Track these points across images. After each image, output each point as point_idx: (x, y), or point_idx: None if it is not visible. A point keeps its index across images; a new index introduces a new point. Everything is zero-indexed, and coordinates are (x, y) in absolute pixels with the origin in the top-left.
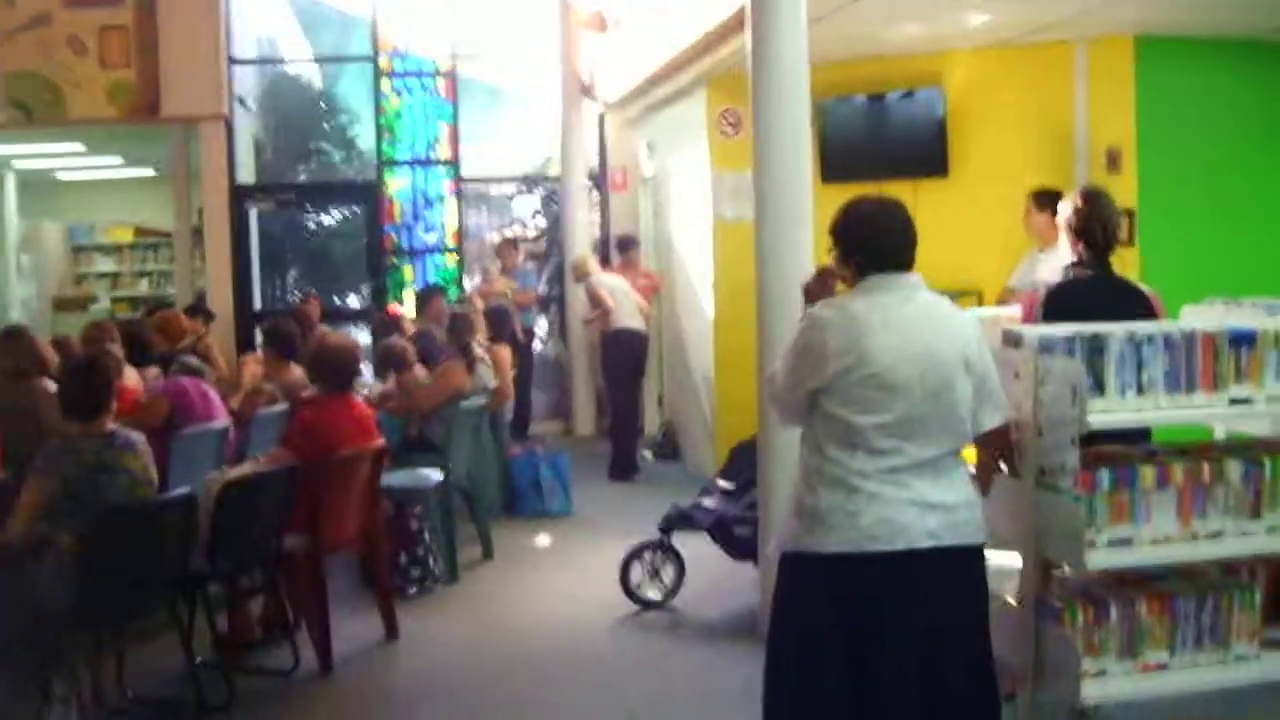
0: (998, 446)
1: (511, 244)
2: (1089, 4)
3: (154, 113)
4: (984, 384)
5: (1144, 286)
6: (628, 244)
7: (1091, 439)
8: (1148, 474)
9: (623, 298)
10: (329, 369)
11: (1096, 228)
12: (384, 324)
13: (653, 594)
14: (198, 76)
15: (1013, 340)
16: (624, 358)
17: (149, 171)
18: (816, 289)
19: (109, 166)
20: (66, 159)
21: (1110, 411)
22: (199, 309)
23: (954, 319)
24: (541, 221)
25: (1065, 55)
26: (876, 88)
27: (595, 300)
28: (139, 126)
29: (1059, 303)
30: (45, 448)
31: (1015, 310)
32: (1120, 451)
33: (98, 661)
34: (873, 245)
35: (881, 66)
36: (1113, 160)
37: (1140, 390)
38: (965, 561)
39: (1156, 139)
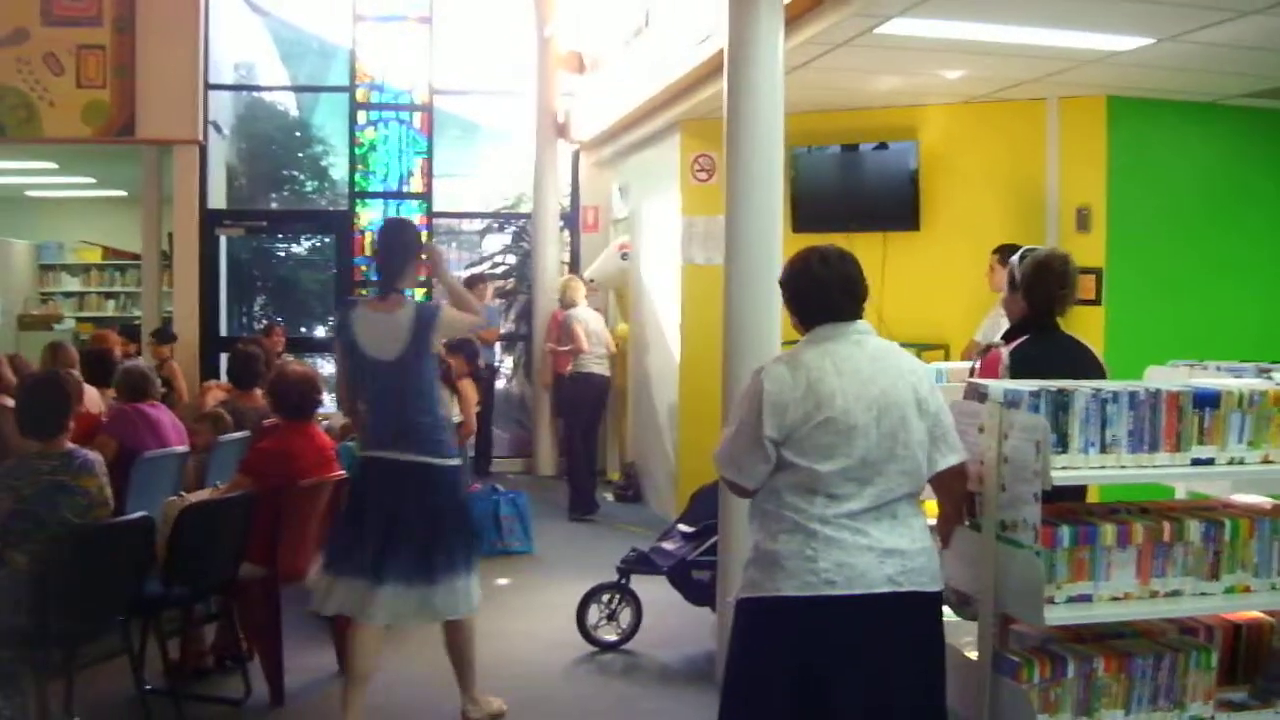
0: (955, 489)
1: (477, 280)
2: (1063, 63)
3: (128, 134)
4: (938, 425)
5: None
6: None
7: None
8: (1108, 532)
9: (596, 340)
10: (289, 398)
11: (1040, 298)
12: None
13: (609, 636)
14: (173, 99)
15: (978, 394)
16: (584, 400)
17: (121, 193)
18: None
19: (81, 186)
20: (38, 176)
21: (1073, 468)
22: (164, 333)
23: (903, 361)
24: (511, 258)
25: (1038, 113)
26: (851, 138)
27: (570, 335)
28: (112, 147)
29: (1029, 362)
30: (1, 466)
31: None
32: (1082, 508)
33: (45, 683)
34: (810, 298)
35: (856, 118)
36: (1082, 219)
37: (1103, 448)
38: (922, 608)
39: (1126, 199)
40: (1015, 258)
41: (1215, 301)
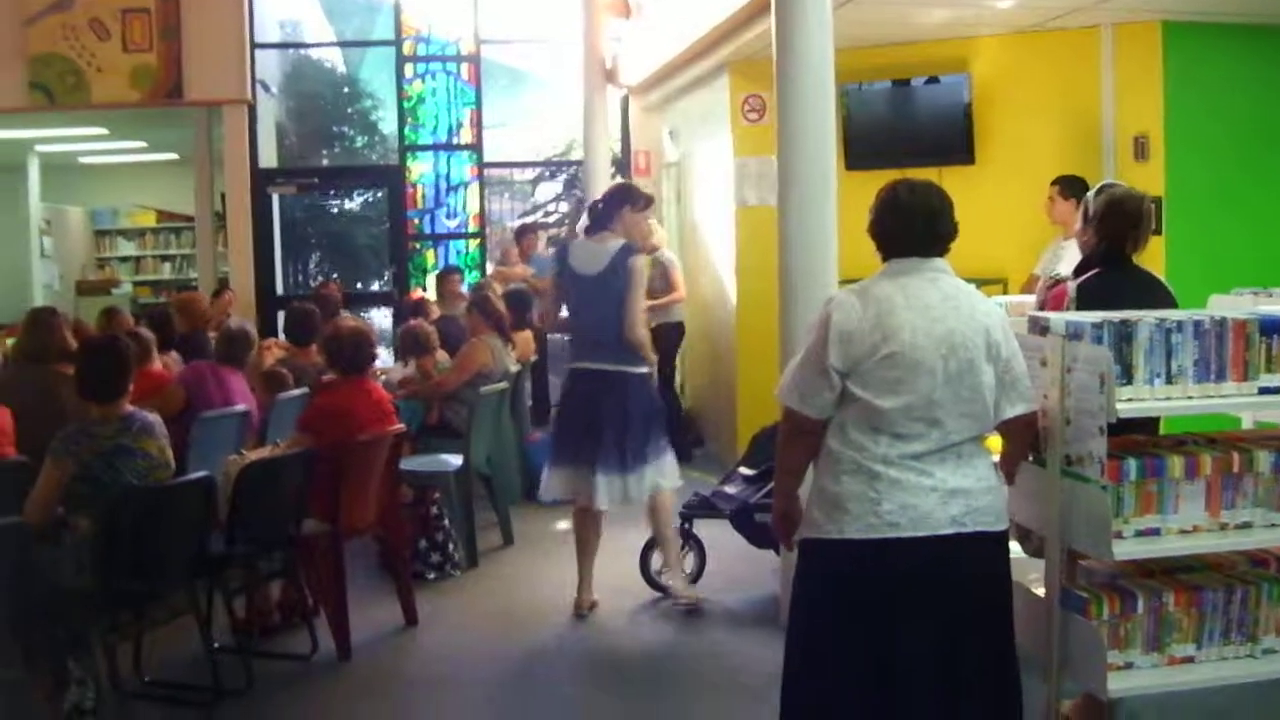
0: (1023, 437)
1: (530, 230)
2: None
3: (176, 97)
4: (1008, 372)
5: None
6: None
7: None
8: (1176, 464)
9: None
10: (343, 353)
11: (1114, 237)
12: (409, 308)
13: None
14: (220, 60)
15: (1040, 327)
16: (669, 347)
17: (172, 155)
18: None
19: (132, 150)
20: (89, 143)
21: (1138, 400)
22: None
23: (979, 305)
24: (564, 206)
25: (1092, 41)
26: (902, 73)
27: (670, 282)
28: (161, 110)
29: (1094, 297)
30: (62, 430)
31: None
32: (1148, 441)
33: (115, 644)
34: (893, 230)
35: (907, 52)
36: (1140, 148)
37: (1169, 379)
38: (987, 548)
39: (1184, 126)
40: (1091, 193)
41: (1278, 227)
